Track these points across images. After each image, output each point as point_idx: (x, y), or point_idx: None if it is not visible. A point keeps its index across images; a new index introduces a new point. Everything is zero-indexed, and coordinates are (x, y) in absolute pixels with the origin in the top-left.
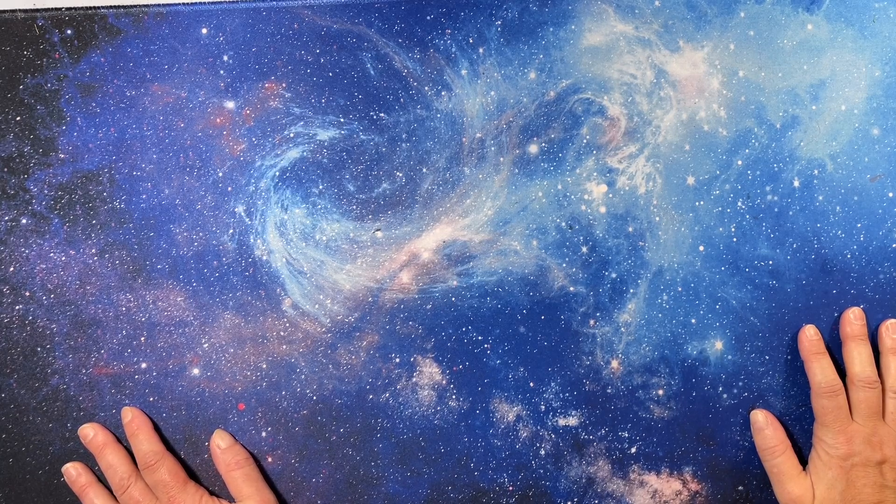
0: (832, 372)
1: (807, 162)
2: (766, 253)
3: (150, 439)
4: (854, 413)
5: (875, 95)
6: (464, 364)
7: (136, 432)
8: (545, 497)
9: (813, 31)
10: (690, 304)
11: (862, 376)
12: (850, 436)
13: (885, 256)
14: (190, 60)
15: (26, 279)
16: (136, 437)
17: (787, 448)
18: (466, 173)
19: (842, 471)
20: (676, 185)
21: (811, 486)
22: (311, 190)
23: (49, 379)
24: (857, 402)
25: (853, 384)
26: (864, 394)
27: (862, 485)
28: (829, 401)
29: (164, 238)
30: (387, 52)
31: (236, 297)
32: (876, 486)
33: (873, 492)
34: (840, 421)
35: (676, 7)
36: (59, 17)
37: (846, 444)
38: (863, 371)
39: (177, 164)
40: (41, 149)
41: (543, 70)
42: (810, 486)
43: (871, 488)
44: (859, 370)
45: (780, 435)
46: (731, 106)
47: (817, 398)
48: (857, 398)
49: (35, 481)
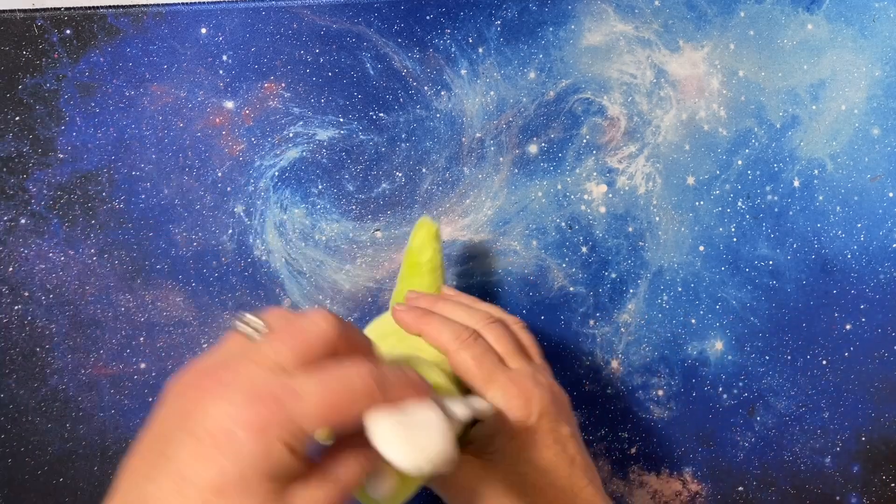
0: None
1: (807, 162)
2: (767, 253)
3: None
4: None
5: (875, 95)
6: None
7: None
8: None
9: (813, 31)
10: (690, 305)
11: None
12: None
13: (886, 256)
14: (189, 60)
15: (25, 279)
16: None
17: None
18: (466, 173)
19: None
20: (676, 185)
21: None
22: (310, 190)
23: (48, 379)
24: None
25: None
26: (493, 332)
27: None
28: (471, 349)
29: (164, 238)
30: (386, 52)
31: (235, 297)
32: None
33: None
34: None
35: (676, 7)
36: (58, 17)
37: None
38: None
39: (176, 164)
40: (40, 149)
41: (543, 70)
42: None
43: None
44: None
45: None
46: (731, 106)
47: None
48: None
49: (34, 481)
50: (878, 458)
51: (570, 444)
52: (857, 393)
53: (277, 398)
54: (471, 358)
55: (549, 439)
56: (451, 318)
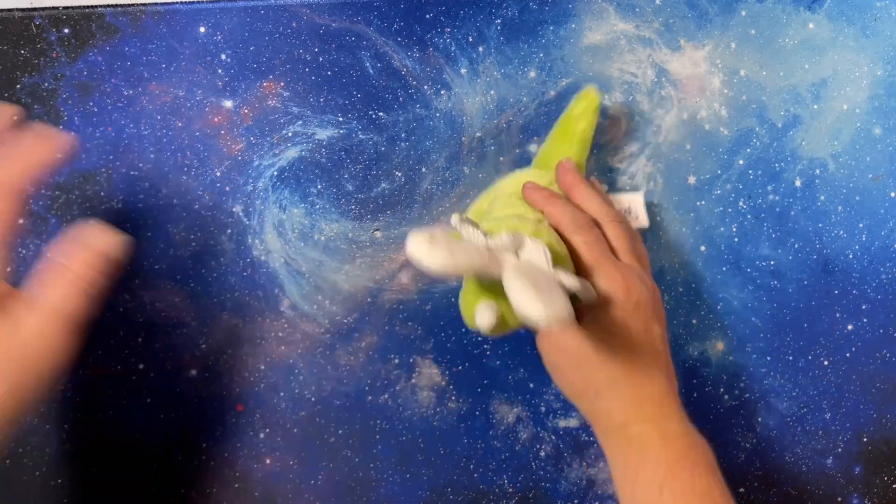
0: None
1: (808, 161)
2: (768, 253)
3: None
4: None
5: (877, 94)
6: (463, 365)
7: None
8: (545, 499)
9: (814, 30)
10: (691, 305)
11: (603, 213)
12: (624, 274)
13: (887, 256)
14: (188, 59)
15: (24, 279)
16: None
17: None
18: (466, 173)
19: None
20: (677, 185)
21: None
22: (309, 190)
23: None
24: (612, 240)
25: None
26: (614, 229)
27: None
28: (586, 235)
29: (162, 238)
30: (386, 51)
31: (234, 297)
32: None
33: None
34: (609, 258)
35: (677, 5)
36: (56, 16)
37: (624, 285)
38: (602, 208)
39: (174, 163)
40: None
41: (543, 69)
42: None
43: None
44: (598, 208)
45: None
46: (732, 105)
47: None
48: (611, 235)
49: (33, 483)
50: (880, 459)
51: (658, 341)
52: (858, 393)
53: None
54: (583, 242)
55: (640, 327)
56: (581, 205)
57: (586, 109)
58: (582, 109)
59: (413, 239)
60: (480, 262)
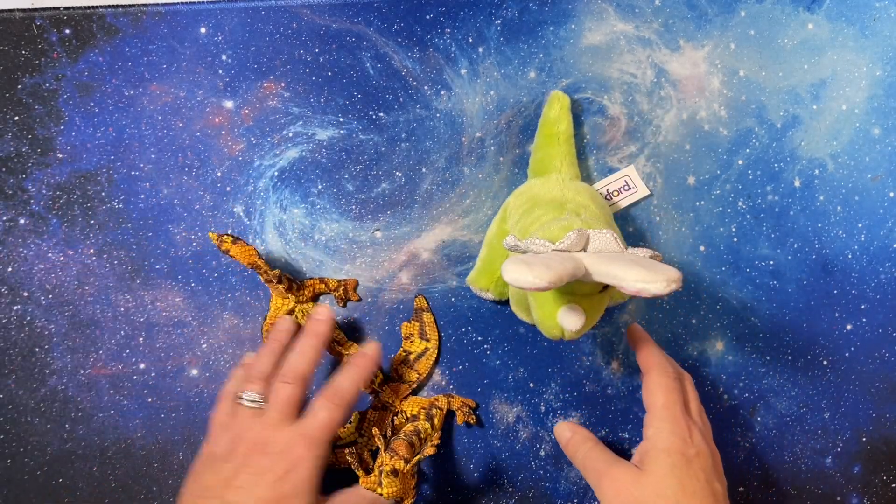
0: (667, 356)
1: (807, 161)
2: (767, 253)
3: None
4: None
5: (876, 95)
6: (463, 364)
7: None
8: (545, 498)
9: (814, 31)
10: (691, 305)
11: (683, 373)
12: (690, 426)
13: (887, 256)
14: (188, 60)
15: (24, 279)
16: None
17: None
18: (466, 173)
19: (684, 460)
20: (677, 185)
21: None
22: (310, 190)
23: (47, 379)
24: (688, 397)
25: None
26: (692, 389)
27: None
28: (670, 381)
29: (163, 238)
30: (386, 52)
31: (235, 297)
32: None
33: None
34: (681, 409)
35: (677, 6)
36: (57, 17)
37: (688, 435)
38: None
39: (175, 163)
40: (39, 148)
41: (543, 69)
42: (634, 468)
43: (707, 488)
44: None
45: (588, 433)
46: (731, 105)
47: (657, 377)
48: (688, 391)
49: (33, 482)
50: (879, 459)
51: (721, 498)
52: (857, 393)
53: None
54: (664, 385)
55: (700, 478)
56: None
57: (561, 110)
58: (557, 112)
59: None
60: (574, 265)
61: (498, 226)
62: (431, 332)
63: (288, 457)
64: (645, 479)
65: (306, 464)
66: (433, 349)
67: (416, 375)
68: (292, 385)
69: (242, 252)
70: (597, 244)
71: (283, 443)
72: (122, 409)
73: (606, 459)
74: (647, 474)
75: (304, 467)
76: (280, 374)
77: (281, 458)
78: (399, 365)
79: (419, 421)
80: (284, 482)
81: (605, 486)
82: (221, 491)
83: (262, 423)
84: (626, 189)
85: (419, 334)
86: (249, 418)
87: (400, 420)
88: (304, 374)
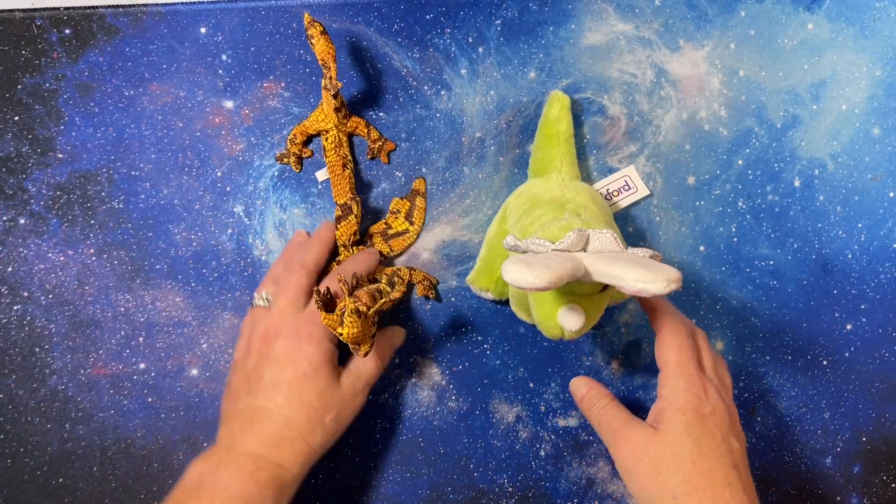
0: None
1: (807, 161)
2: (767, 253)
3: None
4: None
5: (876, 95)
6: (463, 364)
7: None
8: (545, 498)
9: (813, 31)
10: (691, 305)
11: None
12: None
13: (886, 256)
14: (188, 60)
15: (24, 279)
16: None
17: (613, 398)
18: (466, 173)
19: (699, 418)
20: (677, 185)
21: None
22: (310, 190)
23: (47, 379)
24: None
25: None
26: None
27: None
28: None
29: (163, 238)
30: (386, 52)
31: (235, 297)
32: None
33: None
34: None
35: (677, 6)
36: (57, 17)
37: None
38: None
39: (175, 163)
40: (39, 149)
41: (543, 69)
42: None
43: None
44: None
45: (605, 390)
46: (731, 105)
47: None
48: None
49: (33, 482)
50: (879, 459)
51: (737, 455)
52: (857, 393)
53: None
54: (678, 344)
55: (716, 435)
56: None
57: (561, 110)
58: (557, 112)
59: (510, 268)
60: (574, 265)
61: (498, 226)
62: (419, 218)
63: (300, 336)
64: (660, 438)
65: (317, 339)
66: (413, 234)
67: (388, 249)
68: (297, 273)
69: (325, 46)
70: (597, 244)
71: (292, 325)
72: (122, 409)
73: (622, 418)
74: (663, 433)
75: (317, 343)
76: (285, 267)
77: (293, 339)
78: (376, 234)
79: (381, 284)
80: (300, 362)
81: (619, 446)
82: (248, 388)
83: (272, 314)
84: (626, 189)
85: (406, 214)
86: (262, 314)
87: (363, 279)
88: (309, 263)
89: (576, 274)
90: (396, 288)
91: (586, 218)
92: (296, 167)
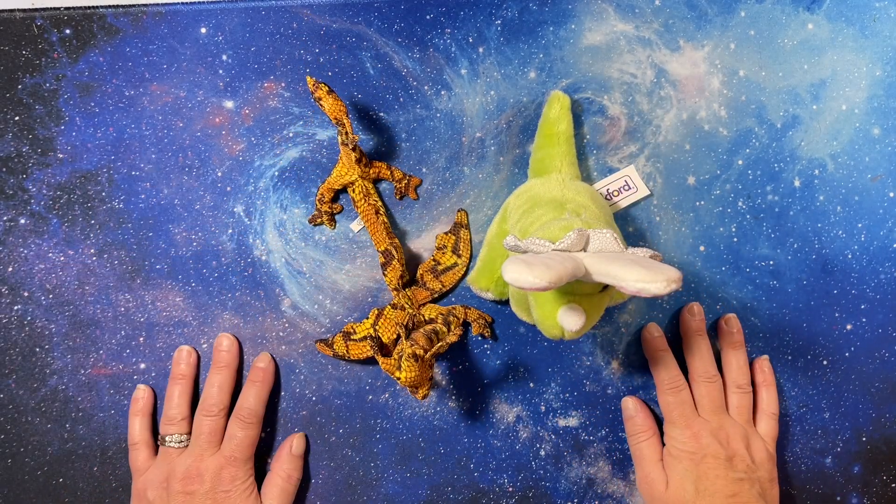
0: (675, 368)
1: (807, 162)
2: (767, 253)
3: (260, 399)
4: (699, 408)
5: (876, 95)
6: (463, 364)
7: (257, 382)
8: (545, 498)
9: (814, 31)
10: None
11: (701, 371)
12: (696, 430)
13: (886, 256)
14: (189, 60)
15: (25, 279)
16: (252, 386)
17: (654, 434)
18: (466, 173)
19: (692, 463)
20: (677, 185)
21: (666, 475)
22: (310, 190)
23: (48, 379)
24: (700, 398)
25: (695, 380)
26: (705, 388)
27: (714, 476)
28: (673, 397)
29: (163, 238)
30: (386, 52)
31: (235, 297)
32: (728, 479)
33: (726, 484)
34: (686, 417)
35: (677, 6)
36: (57, 17)
37: (694, 440)
38: (703, 366)
39: (175, 163)
40: (40, 149)
41: (543, 69)
42: (665, 475)
43: (723, 480)
44: (699, 365)
45: (650, 422)
46: (731, 105)
47: (662, 395)
48: (700, 393)
49: (34, 482)
50: (879, 459)
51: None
52: (857, 393)
53: None
54: (671, 402)
55: (710, 474)
56: (688, 355)
57: (561, 110)
58: (557, 112)
59: (510, 268)
60: (574, 265)
61: (498, 226)
62: (465, 250)
63: (222, 479)
64: (669, 484)
65: (239, 480)
66: (462, 266)
67: (440, 286)
68: (213, 417)
69: (334, 105)
70: (597, 244)
71: (214, 469)
72: (122, 409)
73: (653, 458)
74: (670, 480)
75: (239, 483)
76: (201, 409)
77: (216, 482)
78: (425, 272)
79: (436, 324)
80: (225, 502)
81: (640, 481)
82: None
83: (191, 457)
84: (626, 189)
85: (452, 248)
86: (177, 456)
87: (419, 320)
88: (223, 404)
89: (576, 274)
90: (453, 331)
91: (586, 218)
92: (329, 225)
